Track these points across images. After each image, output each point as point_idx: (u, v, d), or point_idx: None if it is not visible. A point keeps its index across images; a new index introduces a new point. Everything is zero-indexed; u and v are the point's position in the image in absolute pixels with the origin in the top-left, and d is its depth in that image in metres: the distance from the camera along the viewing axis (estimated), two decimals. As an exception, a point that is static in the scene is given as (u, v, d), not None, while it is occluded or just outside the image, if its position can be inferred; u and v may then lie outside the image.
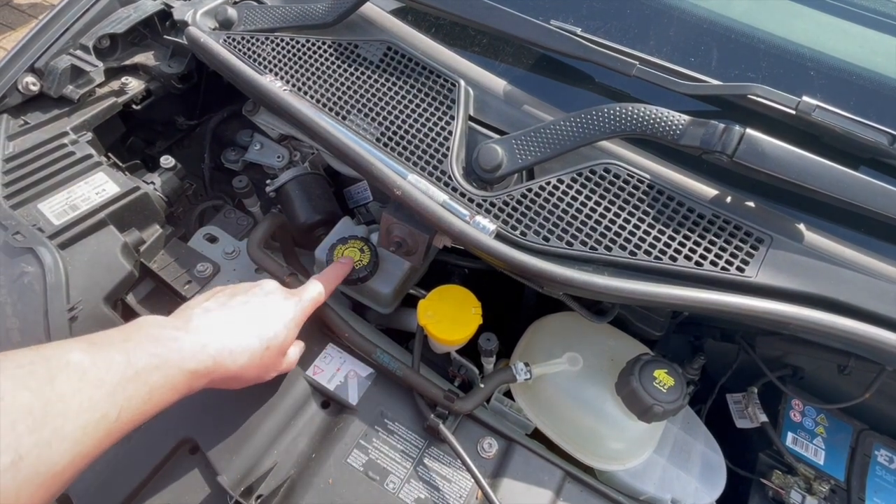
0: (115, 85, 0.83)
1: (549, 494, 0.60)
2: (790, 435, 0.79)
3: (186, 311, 0.54)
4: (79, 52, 0.80)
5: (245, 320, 0.54)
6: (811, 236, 0.59)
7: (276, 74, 0.74)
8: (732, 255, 0.57)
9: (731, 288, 0.56)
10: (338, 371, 0.67)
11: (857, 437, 0.79)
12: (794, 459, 0.75)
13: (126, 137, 0.92)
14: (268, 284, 0.60)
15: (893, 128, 0.57)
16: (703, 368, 0.84)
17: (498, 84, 0.70)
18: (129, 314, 0.73)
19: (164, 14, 0.86)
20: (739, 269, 0.56)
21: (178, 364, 0.46)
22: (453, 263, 0.84)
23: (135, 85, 0.84)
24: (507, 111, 0.68)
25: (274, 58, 0.76)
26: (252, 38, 0.78)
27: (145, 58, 0.85)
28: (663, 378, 0.61)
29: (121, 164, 0.80)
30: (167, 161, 0.80)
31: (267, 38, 0.77)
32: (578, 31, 0.65)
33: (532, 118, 0.67)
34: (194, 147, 0.99)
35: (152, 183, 0.79)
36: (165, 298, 0.76)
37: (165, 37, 0.85)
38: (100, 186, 0.72)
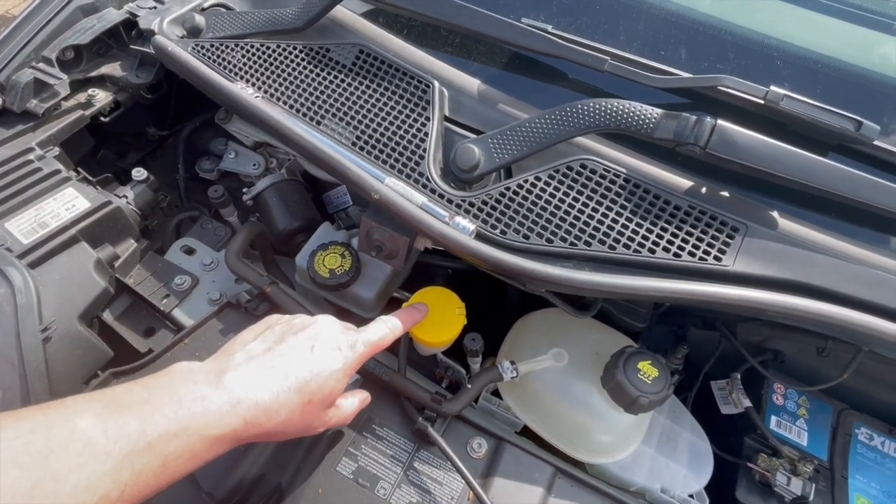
0: (81, 97, 0.81)
1: (540, 491, 0.60)
2: (774, 418, 0.80)
3: (228, 356, 0.50)
4: (42, 65, 0.78)
5: (287, 370, 0.49)
6: (784, 223, 0.60)
7: (247, 81, 0.73)
8: (709, 244, 0.58)
9: (710, 277, 0.57)
10: (323, 379, 0.66)
11: (838, 416, 0.81)
12: (779, 442, 0.77)
13: (96, 150, 0.90)
14: (322, 324, 0.54)
15: (859, 114, 0.58)
16: (686, 357, 0.85)
17: (472, 83, 0.70)
18: (106, 331, 0.71)
19: (130, 23, 0.84)
20: (717, 258, 0.57)
21: (200, 430, 0.42)
22: (436, 264, 0.83)
23: (102, 97, 0.82)
24: (483, 110, 0.68)
25: (244, 64, 0.74)
26: (221, 45, 0.77)
27: (112, 68, 0.83)
28: (647, 369, 0.61)
29: (91, 178, 0.78)
30: (139, 173, 0.79)
31: (236, 45, 0.76)
32: (550, 28, 0.65)
33: (508, 116, 0.67)
34: (167, 158, 0.97)
35: (125, 196, 0.77)
36: (144, 313, 0.75)
37: (132, 46, 0.83)
38: (69, 202, 0.70)
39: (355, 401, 0.57)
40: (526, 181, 0.62)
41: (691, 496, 0.67)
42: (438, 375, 0.75)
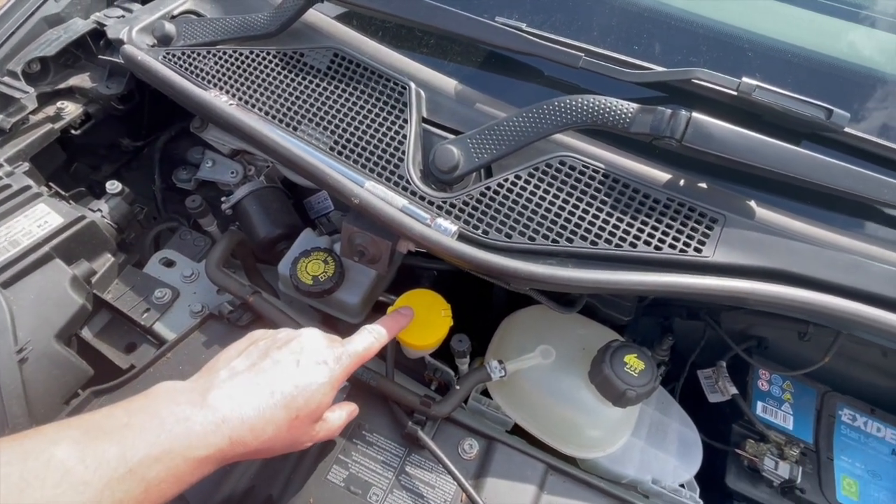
0: (49, 111, 0.79)
1: (532, 489, 0.60)
2: (760, 404, 0.81)
3: (212, 373, 0.49)
4: (6, 79, 0.76)
5: (273, 386, 0.48)
6: (762, 212, 0.61)
7: (221, 89, 0.72)
8: (689, 236, 0.58)
9: (691, 269, 0.57)
10: (310, 387, 0.65)
11: (822, 399, 0.82)
12: (765, 427, 0.78)
13: (69, 164, 0.88)
14: (307, 337, 0.54)
15: (830, 103, 0.59)
16: (673, 347, 0.86)
17: (449, 84, 0.69)
18: (85, 349, 0.70)
19: (98, 33, 0.82)
20: (697, 249, 0.58)
21: (183, 452, 0.41)
22: (421, 266, 0.83)
23: (72, 109, 0.80)
24: (461, 110, 0.68)
25: (217, 72, 0.73)
26: (193, 52, 0.75)
27: (81, 80, 0.82)
28: (634, 363, 0.62)
29: (63, 193, 0.77)
30: (113, 186, 0.77)
31: (209, 52, 0.75)
32: (524, 26, 0.65)
33: (485, 116, 0.67)
34: (143, 169, 0.95)
35: (99, 210, 0.75)
36: (124, 329, 0.74)
37: (100, 57, 0.81)
38: (41, 219, 0.68)
39: (343, 413, 0.56)
40: (506, 180, 0.62)
41: (682, 485, 0.68)
42: (427, 378, 0.75)
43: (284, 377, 0.49)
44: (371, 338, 0.57)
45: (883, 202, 0.58)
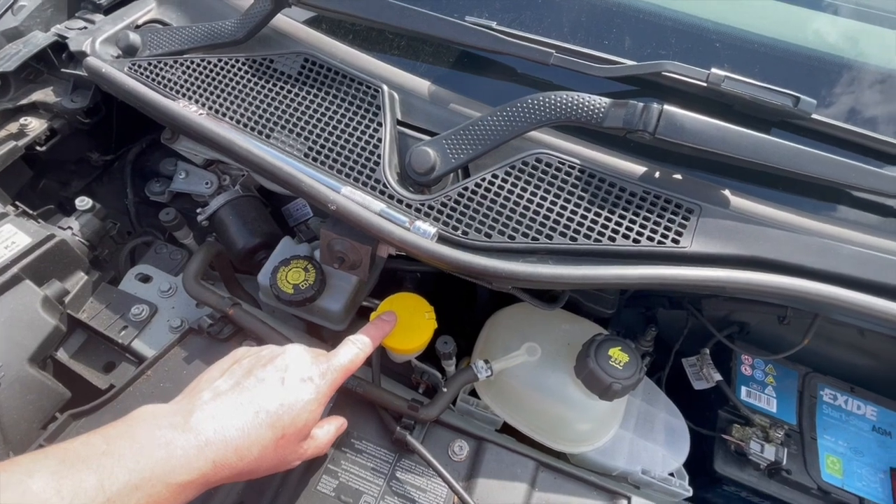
0: (12, 128, 0.76)
1: (524, 487, 0.60)
2: (744, 389, 0.83)
3: (194, 395, 0.48)
4: (-35, 97, 0.74)
5: (258, 405, 0.47)
6: (736, 200, 0.61)
7: (190, 98, 0.70)
8: (666, 228, 0.59)
9: (670, 260, 0.58)
10: (296, 397, 0.64)
11: (803, 380, 0.84)
12: (750, 411, 0.79)
13: (36, 182, 0.85)
14: (291, 354, 0.53)
15: (796, 90, 0.60)
16: (658, 337, 0.86)
17: (422, 85, 0.69)
18: (62, 371, 0.68)
19: (60, 46, 0.80)
20: (675, 240, 0.58)
21: (164, 478, 0.40)
22: (404, 269, 0.82)
23: (36, 125, 0.77)
24: (435, 112, 0.68)
25: (185, 81, 0.72)
26: (159, 62, 0.74)
27: (44, 94, 0.79)
28: (618, 355, 0.62)
29: (31, 212, 0.74)
30: (83, 202, 0.75)
31: (176, 62, 0.73)
32: (494, 24, 0.65)
33: (460, 116, 0.67)
34: (115, 183, 0.93)
35: (69, 228, 0.73)
36: (101, 348, 0.72)
37: (63, 70, 0.79)
38: (8, 239, 0.66)
39: (331, 428, 0.56)
40: (483, 179, 0.62)
41: (671, 474, 0.69)
42: (415, 381, 0.74)
43: (269, 396, 0.48)
44: (355, 349, 0.57)
45: (851, 186, 0.59)
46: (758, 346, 0.85)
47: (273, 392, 0.49)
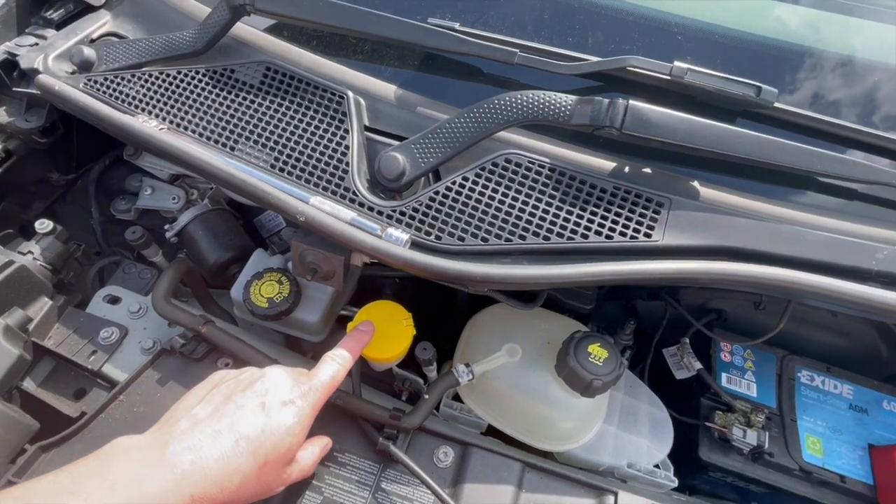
0: (-36, 151, 0.73)
1: (511, 490, 0.60)
2: (724, 375, 0.84)
3: (170, 424, 0.46)
4: (-88, 121, 0.71)
5: (237, 433, 0.46)
6: (705, 192, 0.62)
7: (150, 113, 0.68)
8: (638, 222, 0.59)
9: (642, 254, 0.58)
10: (276, 414, 0.63)
11: (781, 363, 0.85)
12: (731, 398, 0.80)
13: (-6, 205, 0.82)
14: (271, 378, 0.51)
15: (759, 80, 0.61)
16: (639, 328, 0.87)
17: (388, 90, 0.68)
18: (29, 401, 0.66)
19: (10, 63, 0.77)
20: (647, 235, 0.58)
21: None
22: (382, 276, 0.82)
23: (-11, 147, 0.75)
24: (403, 116, 0.67)
25: (144, 95, 0.70)
26: (117, 77, 0.71)
27: (-4, 115, 0.76)
28: (597, 352, 0.62)
29: (-11, 237, 0.72)
30: (43, 225, 0.72)
31: (133, 76, 0.71)
32: (457, 26, 0.64)
33: (428, 119, 0.66)
34: (78, 202, 0.90)
35: (30, 252, 0.71)
36: (71, 374, 0.70)
37: (15, 89, 0.76)
38: (-36, 268, 0.63)
39: (315, 449, 0.54)
40: (454, 182, 0.61)
41: (657, 466, 0.69)
42: (397, 388, 0.73)
43: (250, 422, 0.47)
44: (336, 365, 0.56)
45: (815, 172, 0.60)
46: (736, 332, 0.87)
47: (253, 418, 0.47)
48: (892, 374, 0.88)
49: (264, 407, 0.48)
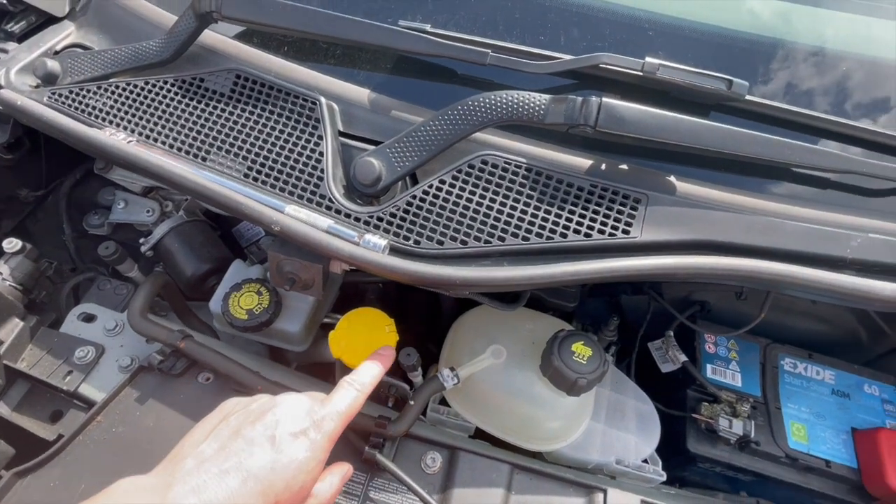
0: (-74, 170, 0.71)
1: (500, 492, 0.60)
2: (709, 366, 0.84)
3: (176, 463, 0.43)
4: None
5: (246, 472, 0.42)
6: (682, 186, 0.62)
7: (118, 126, 0.67)
8: (616, 219, 0.59)
9: (622, 251, 0.58)
10: (259, 427, 0.62)
11: (764, 352, 0.86)
12: (717, 388, 0.81)
13: (-39, 225, 0.80)
14: (282, 407, 0.47)
15: (730, 74, 0.61)
16: (624, 323, 0.87)
17: (361, 94, 0.67)
18: (4, 428, 0.64)
19: (-29, 79, 0.75)
20: (625, 231, 0.58)
21: None
22: (365, 281, 0.81)
23: (-48, 165, 0.72)
24: (377, 120, 0.66)
25: (111, 107, 0.68)
26: (82, 89, 0.70)
27: (-42, 132, 0.74)
28: (581, 350, 0.62)
29: (-45, 259, 0.70)
30: (11, 244, 0.71)
31: (100, 88, 0.70)
32: (428, 27, 0.64)
33: (403, 123, 0.65)
34: (50, 219, 0.88)
35: (-1, 273, 0.69)
36: (46, 396, 0.68)
37: (-23, 105, 0.74)
38: (-72, 292, 0.61)
39: (335, 479, 0.50)
40: (431, 186, 0.61)
41: (645, 461, 0.69)
42: (383, 395, 0.73)
43: (258, 459, 0.43)
44: (353, 391, 0.51)
45: (788, 163, 0.60)
46: (720, 323, 0.87)
47: (262, 454, 0.43)
48: (872, 358, 0.90)
49: (274, 441, 0.44)
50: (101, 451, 0.60)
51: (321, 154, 0.63)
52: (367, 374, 0.54)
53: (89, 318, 0.72)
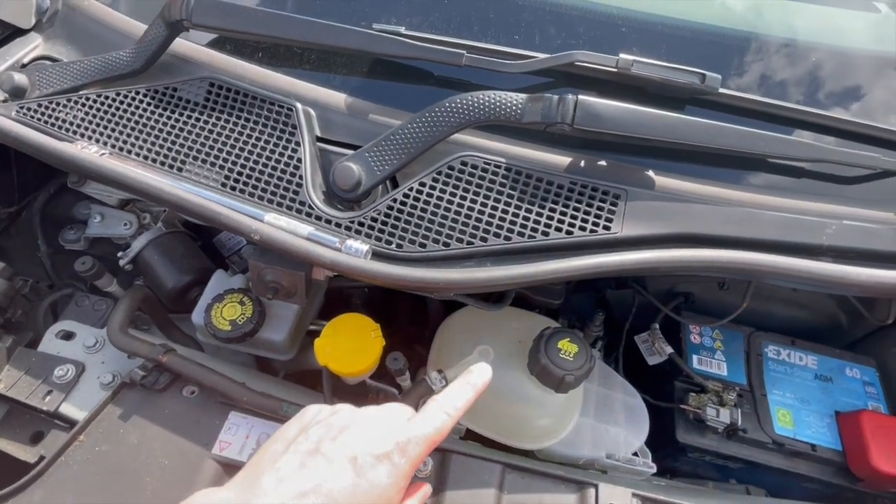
0: None
1: (493, 493, 0.60)
2: (695, 357, 0.85)
3: (254, 479, 0.41)
4: None
5: (324, 497, 0.40)
6: (660, 180, 0.63)
7: (90, 138, 0.65)
8: (597, 216, 0.59)
9: (603, 247, 0.58)
10: (247, 439, 0.61)
11: (748, 340, 0.87)
12: (703, 378, 0.82)
13: (-70, 245, 0.78)
14: (364, 424, 0.45)
15: (704, 68, 0.62)
16: (610, 318, 0.88)
17: (338, 98, 0.67)
18: (-18, 452, 0.62)
19: (-65, 95, 0.73)
20: (606, 227, 0.59)
21: None
22: (350, 287, 0.80)
23: (-82, 185, 0.70)
24: (355, 124, 0.66)
25: (83, 120, 0.67)
26: (52, 102, 0.68)
27: (-76, 150, 0.72)
28: (567, 347, 0.62)
29: (-75, 280, 0.68)
30: (-16, 263, 0.69)
31: (70, 100, 0.68)
32: (402, 30, 0.63)
33: (381, 126, 0.65)
34: (24, 235, 0.86)
35: (-29, 293, 0.67)
36: (26, 418, 0.66)
37: (-58, 122, 0.72)
38: None
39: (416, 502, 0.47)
40: (412, 189, 0.61)
41: (635, 454, 0.70)
42: (372, 401, 0.72)
43: (338, 482, 0.41)
44: (444, 416, 0.47)
45: (763, 154, 0.61)
46: (704, 313, 0.88)
47: (344, 476, 0.41)
48: (852, 342, 0.92)
49: (355, 463, 0.42)
50: (84, 472, 0.59)
51: (299, 160, 0.62)
52: (459, 398, 0.49)
53: (68, 336, 0.70)
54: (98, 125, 0.66)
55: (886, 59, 0.75)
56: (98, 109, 0.67)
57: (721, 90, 0.62)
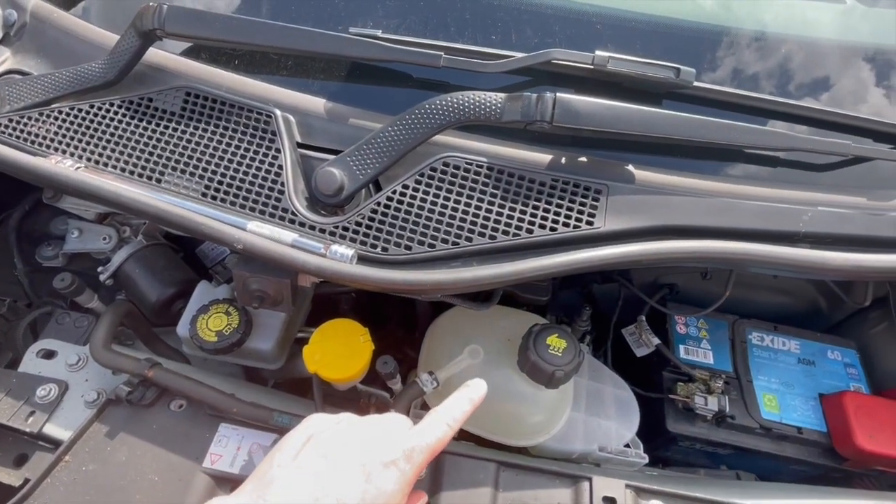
0: None
1: (488, 492, 0.60)
2: (681, 347, 0.86)
3: (262, 488, 0.42)
4: None
5: (335, 501, 0.40)
6: (640, 174, 0.63)
7: (64, 153, 0.64)
8: (579, 212, 0.60)
9: (587, 242, 0.59)
10: (238, 450, 0.61)
11: (733, 328, 0.89)
12: (690, 368, 0.83)
13: None
14: (370, 431, 0.46)
15: (679, 62, 0.63)
16: (597, 313, 0.89)
17: (317, 104, 0.66)
18: (-37, 478, 0.60)
19: None
20: (588, 223, 0.59)
21: None
22: (337, 292, 0.80)
23: None
24: (335, 129, 0.65)
25: (56, 134, 0.65)
26: (23, 117, 0.67)
27: None
28: (556, 343, 0.63)
29: None
30: (-42, 284, 0.67)
31: (42, 114, 0.67)
32: (379, 33, 0.63)
33: (362, 130, 0.65)
34: (0, 253, 0.84)
35: (-54, 315, 0.65)
36: (9, 441, 0.64)
37: None
38: None
39: None
40: (395, 192, 0.61)
41: (627, 446, 0.71)
42: (363, 405, 0.72)
43: (349, 488, 0.42)
44: (445, 427, 0.49)
45: (739, 145, 0.62)
46: (689, 303, 0.90)
47: (354, 483, 0.42)
48: (832, 325, 0.94)
49: (364, 468, 0.43)
50: (72, 493, 0.57)
51: (280, 167, 0.62)
52: (459, 410, 0.51)
53: (49, 355, 0.69)
54: (72, 138, 0.65)
55: (853, 48, 0.78)
56: (72, 122, 0.66)
57: (696, 83, 0.63)
